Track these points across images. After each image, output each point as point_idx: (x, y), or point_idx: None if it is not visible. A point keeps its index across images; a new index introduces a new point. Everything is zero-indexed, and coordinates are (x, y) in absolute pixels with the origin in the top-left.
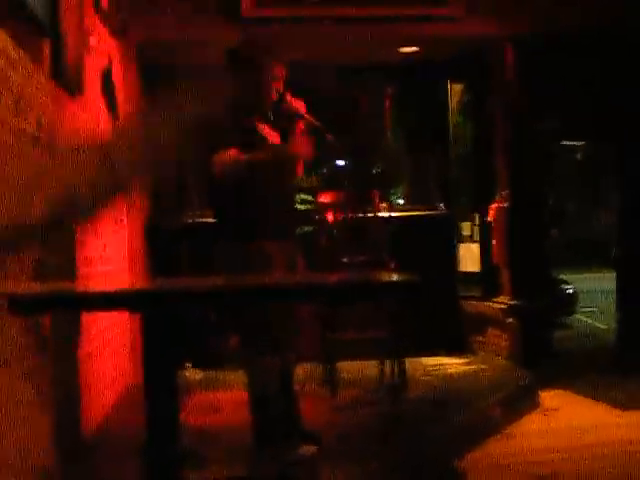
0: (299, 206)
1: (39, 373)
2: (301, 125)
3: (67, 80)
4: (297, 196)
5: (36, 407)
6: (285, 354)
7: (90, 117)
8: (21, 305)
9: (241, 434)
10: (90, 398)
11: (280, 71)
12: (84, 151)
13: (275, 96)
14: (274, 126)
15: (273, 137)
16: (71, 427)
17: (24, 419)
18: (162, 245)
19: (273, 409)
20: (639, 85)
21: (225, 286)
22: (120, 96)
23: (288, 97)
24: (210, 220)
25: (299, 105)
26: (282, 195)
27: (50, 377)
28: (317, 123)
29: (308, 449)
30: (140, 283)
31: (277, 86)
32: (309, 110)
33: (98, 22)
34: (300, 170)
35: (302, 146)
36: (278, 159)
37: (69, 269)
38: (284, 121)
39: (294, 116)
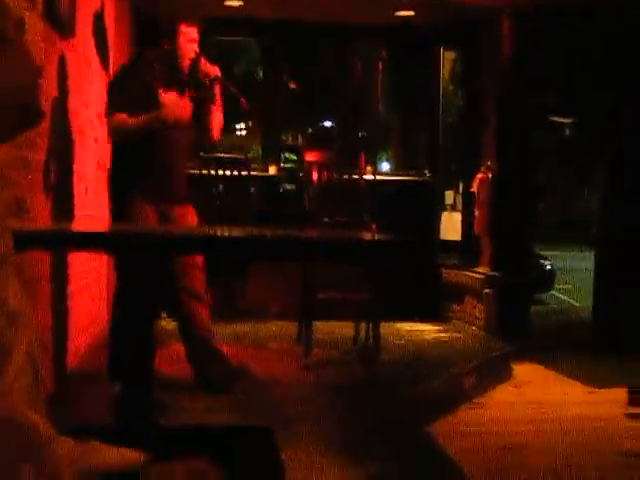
0: (283, 164)
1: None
2: (217, 89)
3: (60, 21)
4: (282, 154)
5: None
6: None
7: (80, 59)
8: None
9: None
10: (67, 337)
11: (194, 33)
12: None
13: (191, 59)
14: (187, 88)
15: (173, 100)
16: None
17: None
18: None
19: None
20: (633, 63)
21: (209, 235)
22: (111, 42)
23: (203, 61)
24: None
25: (214, 69)
26: (169, 161)
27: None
28: (232, 87)
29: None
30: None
31: (193, 49)
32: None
33: None
34: (216, 134)
35: (216, 114)
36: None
37: (52, 210)
38: (199, 84)
39: (210, 80)
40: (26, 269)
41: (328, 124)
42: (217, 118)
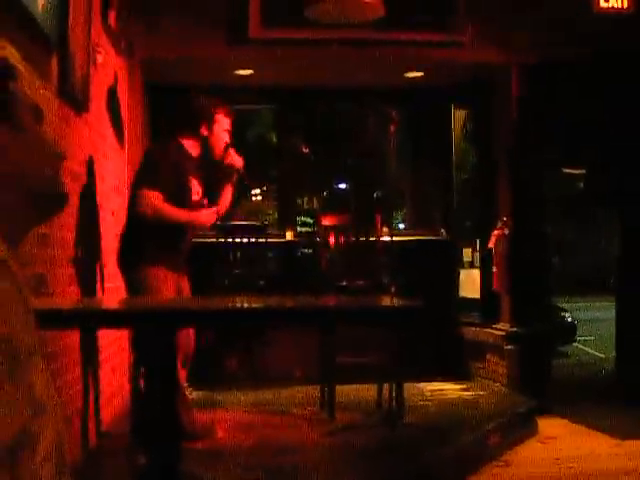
0: (299, 228)
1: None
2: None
3: (74, 97)
4: (298, 218)
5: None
6: None
7: (95, 134)
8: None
9: (237, 453)
10: (91, 411)
11: (228, 123)
12: None
13: (223, 148)
14: (206, 175)
15: (197, 188)
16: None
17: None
18: None
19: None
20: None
21: (231, 308)
22: (125, 114)
23: (232, 151)
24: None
25: (239, 161)
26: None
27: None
28: (247, 180)
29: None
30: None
31: (225, 138)
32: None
33: (105, 39)
34: (210, 223)
35: (226, 201)
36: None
37: (74, 285)
38: (220, 171)
39: (232, 169)
40: (49, 343)
41: (343, 186)
42: (224, 205)
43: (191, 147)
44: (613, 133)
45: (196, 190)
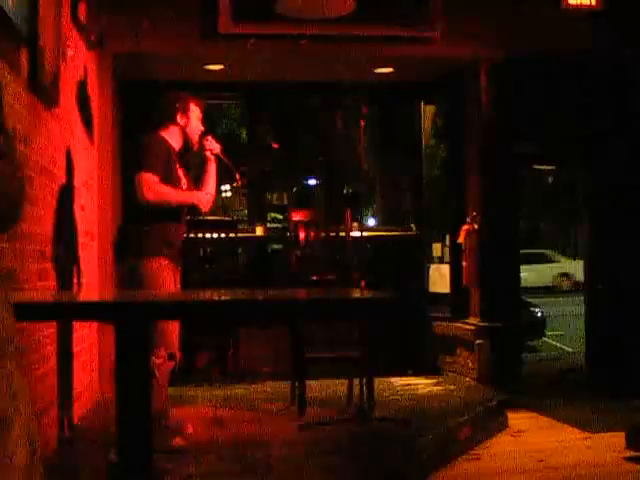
0: (270, 224)
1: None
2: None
3: (44, 91)
4: (268, 214)
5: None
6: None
7: (65, 129)
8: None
9: (208, 449)
10: (62, 405)
11: (199, 111)
12: None
13: (199, 136)
14: (187, 163)
15: (184, 180)
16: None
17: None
18: None
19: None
20: (607, 112)
21: (199, 300)
22: (95, 109)
23: (209, 137)
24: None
25: (217, 146)
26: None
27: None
28: (230, 164)
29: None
30: (117, 295)
31: (199, 126)
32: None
33: (75, 33)
34: (207, 207)
35: (212, 187)
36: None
37: (42, 279)
38: (199, 158)
39: (213, 155)
40: (21, 337)
41: (313, 182)
42: (210, 191)
43: (172, 139)
44: (584, 130)
45: (183, 181)
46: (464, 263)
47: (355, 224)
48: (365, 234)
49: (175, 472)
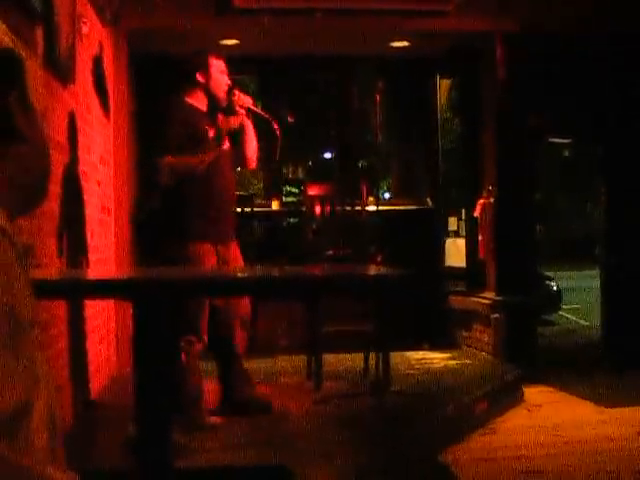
0: (285, 198)
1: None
2: (249, 120)
3: (60, 68)
4: (283, 188)
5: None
6: None
7: (81, 105)
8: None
9: (226, 423)
10: (81, 382)
11: (223, 65)
12: None
13: (226, 91)
14: (224, 121)
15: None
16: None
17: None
18: (150, 234)
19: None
20: (627, 87)
21: (216, 277)
22: (110, 85)
23: (237, 91)
24: None
25: (248, 98)
26: (218, 199)
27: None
28: (265, 115)
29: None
30: (135, 272)
31: (225, 79)
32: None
33: (90, 10)
34: (253, 163)
35: (252, 143)
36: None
37: (61, 255)
38: (232, 114)
39: (244, 109)
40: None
41: (328, 156)
42: (252, 147)
43: (197, 101)
44: (601, 102)
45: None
46: (480, 237)
47: (371, 198)
48: (381, 208)
49: (192, 446)
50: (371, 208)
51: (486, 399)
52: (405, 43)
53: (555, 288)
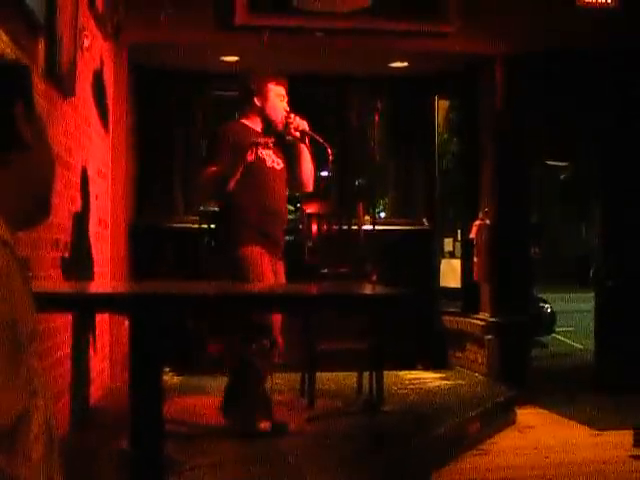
0: None
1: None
2: (306, 143)
3: (60, 80)
4: None
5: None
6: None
7: (81, 118)
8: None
9: (217, 439)
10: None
11: (282, 90)
12: None
13: (283, 115)
14: (277, 144)
15: (277, 159)
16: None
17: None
18: (146, 248)
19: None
20: (622, 107)
21: (214, 293)
22: (110, 98)
23: (293, 115)
24: (194, 226)
25: (303, 123)
26: (271, 213)
27: None
28: (320, 139)
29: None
30: (132, 286)
31: (283, 105)
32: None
33: (92, 23)
34: (309, 185)
35: (307, 166)
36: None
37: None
38: (288, 138)
39: (300, 133)
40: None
41: (325, 174)
42: (308, 170)
43: (253, 123)
44: (600, 124)
45: (274, 161)
46: (475, 258)
47: (367, 217)
48: (377, 227)
49: (184, 462)
50: (367, 227)
51: (478, 420)
52: (404, 63)
53: (549, 310)
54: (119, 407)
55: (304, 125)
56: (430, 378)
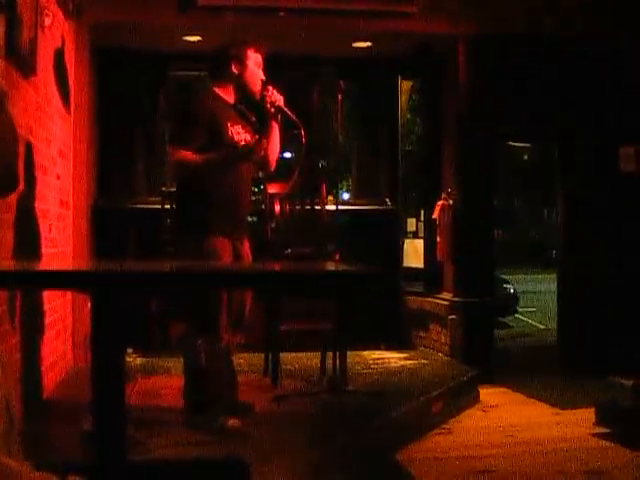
0: None
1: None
2: (276, 121)
3: (21, 60)
4: None
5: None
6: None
7: (42, 98)
8: None
9: (181, 420)
10: (34, 378)
11: (260, 58)
12: None
13: (260, 85)
14: (249, 118)
15: (245, 135)
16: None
17: None
18: (108, 228)
19: (206, 383)
20: (584, 90)
21: (176, 271)
22: (71, 78)
23: (270, 87)
24: (157, 206)
25: (280, 97)
26: (236, 195)
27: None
28: (294, 117)
29: (233, 421)
30: (94, 264)
31: (260, 74)
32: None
33: (53, 2)
34: (273, 165)
35: (275, 145)
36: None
37: (17, 249)
38: (265, 112)
39: (274, 108)
40: None
41: (288, 155)
42: (276, 149)
43: (226, 93)
44: (562, 105)
45: (242, 137)
46: (438, 238)
47: (330, 198)
48: (340, 207)
49: (147, 443)
50: (331, 207)
51: (442, 399)
52: (368, 44)
53: (512, 291)
54: (81, 390)
55: (280, 101)
56: (394, 358)
